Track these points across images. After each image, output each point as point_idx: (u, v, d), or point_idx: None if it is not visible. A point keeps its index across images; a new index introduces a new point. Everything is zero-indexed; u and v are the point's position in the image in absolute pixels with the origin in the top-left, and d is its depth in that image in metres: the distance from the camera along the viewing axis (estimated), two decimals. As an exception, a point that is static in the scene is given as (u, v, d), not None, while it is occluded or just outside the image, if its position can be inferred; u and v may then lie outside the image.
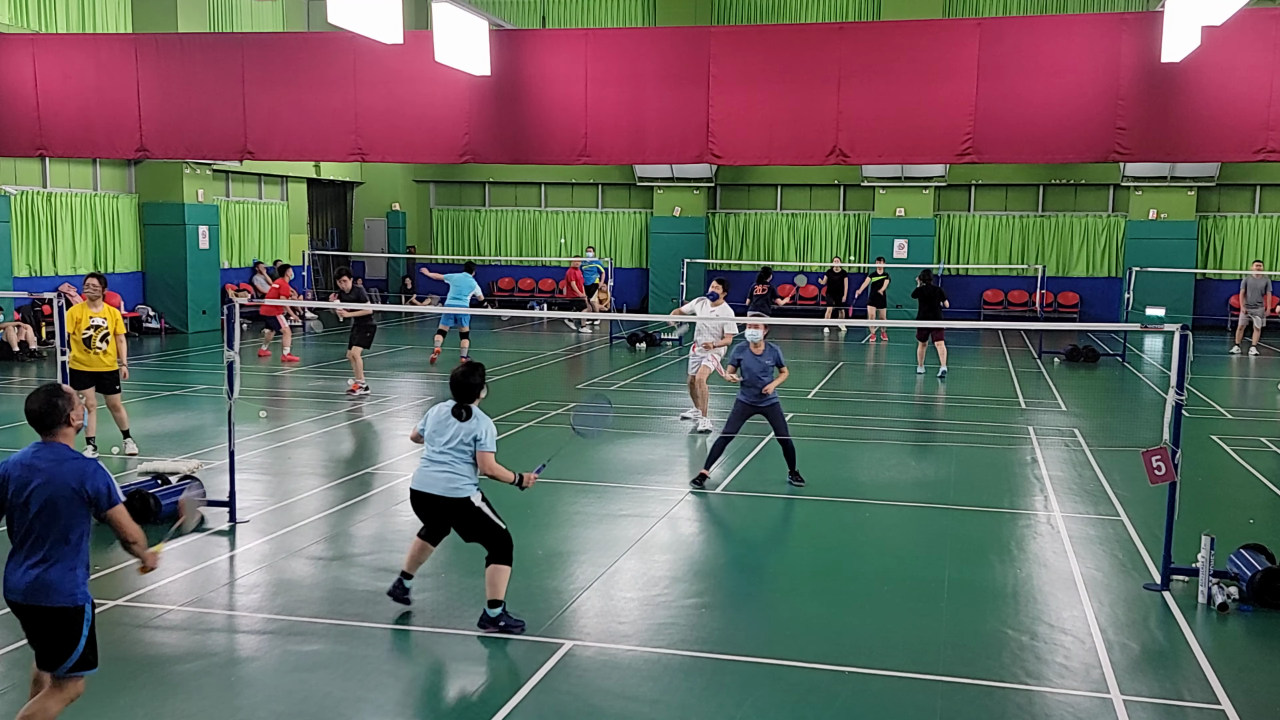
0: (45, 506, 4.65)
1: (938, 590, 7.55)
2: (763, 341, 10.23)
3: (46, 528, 4.67)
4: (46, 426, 4.82)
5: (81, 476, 4.68)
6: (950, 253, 28.93)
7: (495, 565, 6.59)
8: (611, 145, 13.52)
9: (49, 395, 4.86)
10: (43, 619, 4.72)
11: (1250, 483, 10.84)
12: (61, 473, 4.67)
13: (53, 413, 4.82)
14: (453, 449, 6.59)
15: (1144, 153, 12.78)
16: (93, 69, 14.46)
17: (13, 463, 4.76)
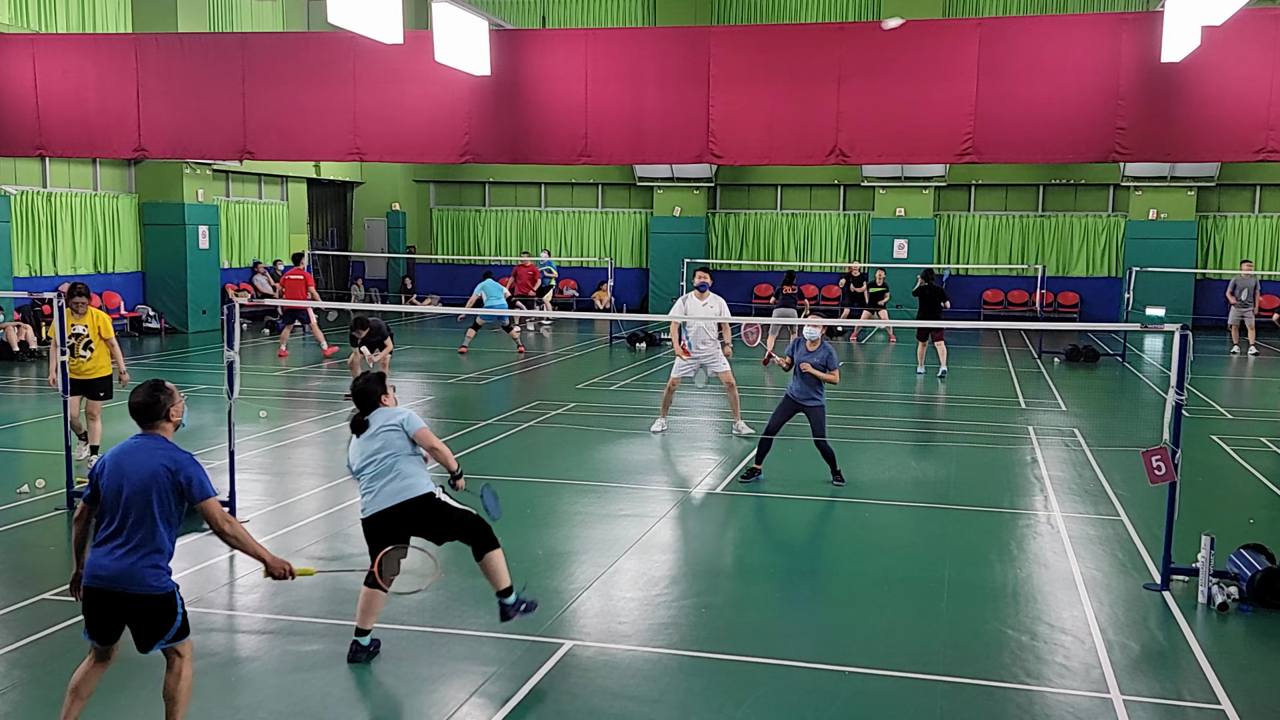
0: (138, 495, 4.79)
1: (938, 590, 7.55)
2: (820, 340, 10.28)
3: (139, 517, 4.79)
4: (147, 420, 4.98)
5: (175, 466, 4.83)
6: (950, 253, 28.93)
7: (487, 554, 6.23)
8: (611, 145, 13.52)
9: (151, 389, 5.02)
10: (134, 605, 4.84)
11: (1250, 483, 10.84)
12: (155, 462, 4.83)
13: (153, 406, 4.97)
14: (388, 455, 6.14)
15: (1144, 153, 12.77)
16: (92, 69, 14.46)
17: (110, 453, 4.94)
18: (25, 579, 7.55)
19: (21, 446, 12.02)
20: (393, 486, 6.08)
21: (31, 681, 5.91)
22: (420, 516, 6.13)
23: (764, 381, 17.53)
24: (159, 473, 4.80)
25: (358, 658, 6.15)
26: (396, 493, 6.08)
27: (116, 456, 4.90)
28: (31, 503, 9.44)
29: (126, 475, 4.81)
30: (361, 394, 6.32)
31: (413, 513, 6.11)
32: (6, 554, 8.20)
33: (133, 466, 4.82)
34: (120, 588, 4.79)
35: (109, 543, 4.82)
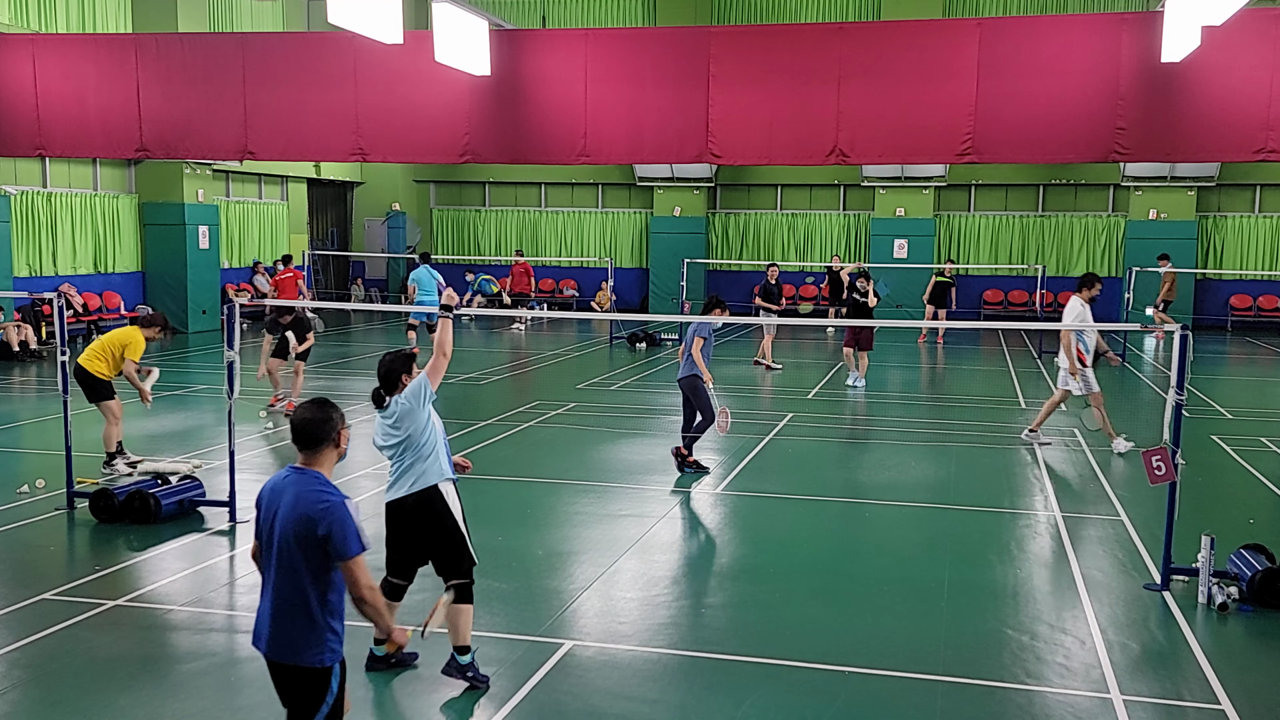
0: (283, 544, 4.06)
1: (938, 590, 7.55)
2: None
3: (285, 569, 4.07)
4: (314, 442, 4.15)
5: (321, 515, 4.00)
6: (950, 253, 28.92)
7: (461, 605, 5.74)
8: (611, 145, 13.52)
9: (322, 406, 4.21)
10: (284, 675, 4.18)
11: (1250, 483, 10.83)
12: (301, 507, 4.03)
13: (326, 425, 4.16)
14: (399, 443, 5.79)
15: (1144, 153, 12.77)
16: (93, 69, 14.45)
17: (268, 485, 4.22)
18: (25, 579, 7.55)
19: (21, 446, 12.02)
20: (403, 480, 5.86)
21: (31, 681, 5.91)
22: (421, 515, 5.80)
23: (759, 382, 17.54)
24: (304, 521, 4.01)
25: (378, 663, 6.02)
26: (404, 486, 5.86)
27: (271, 491, 4.18)
28: (31, 503, 9.44)
29: (275, 519, 4.09)
30: (386, 374, 5.84)
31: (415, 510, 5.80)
32: (6, 554, 8.19)
33: (281, 508, 4.08)
34: (274, 656, 4.15)
35: (264, 596, 4.18)
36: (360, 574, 4.02)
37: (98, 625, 6.71)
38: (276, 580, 4.09)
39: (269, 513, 4.12)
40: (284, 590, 4.07)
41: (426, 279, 19.41)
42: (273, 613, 4.09)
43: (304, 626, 4.06)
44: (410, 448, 5.78)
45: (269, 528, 4.11)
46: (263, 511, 4.16)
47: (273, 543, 4.08)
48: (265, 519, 4.14)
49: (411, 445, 5.78)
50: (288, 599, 4.06)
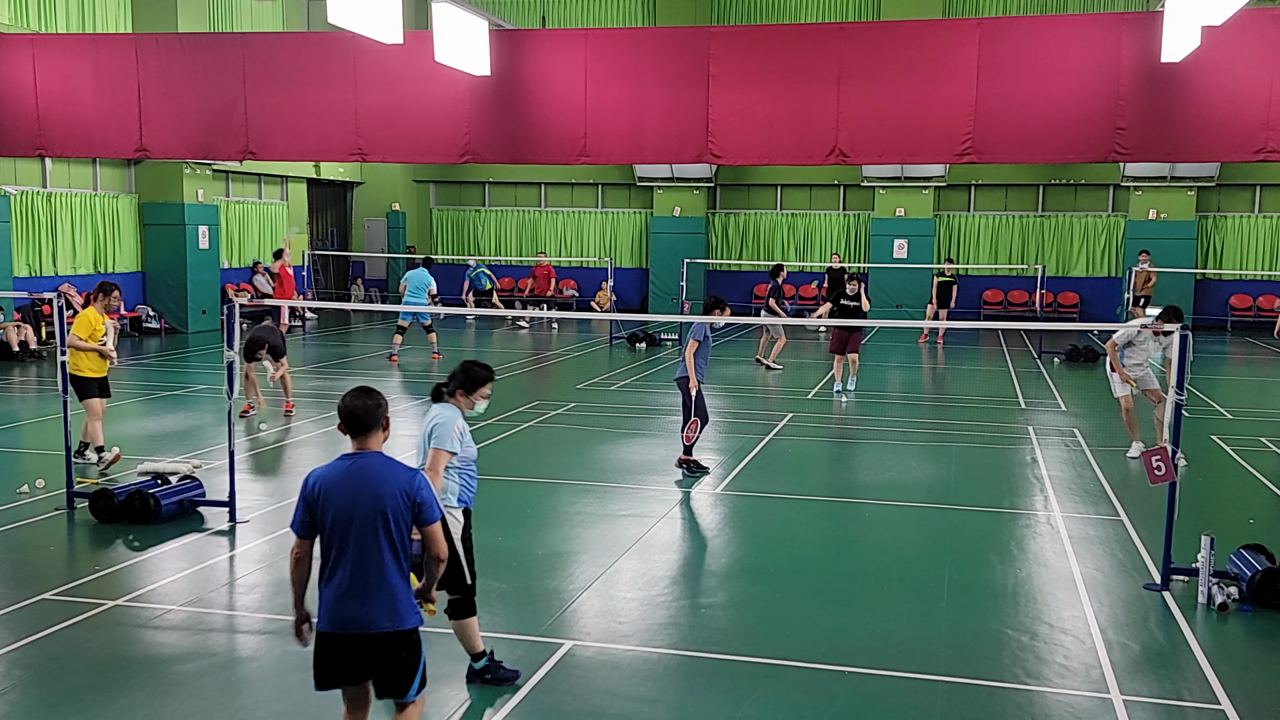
0: (370, 522, 4.31)
1: (938, 590, 7.55)
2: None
3: (372, 545, 4.32)
4: (365, 428, 4.41)
5: (414, 486, 4.39)
6: (950, 253, 28.90)
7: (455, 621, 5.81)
8: (611, 145, 13.52)
9: (368, 393, 4.46)
10: (382, 646, 4.38)
11: (1250, 483, 10.83)
12: (392, 483, 4.36)
13: (376, 411, 4.42)
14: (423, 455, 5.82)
15: (1144, 153, 12.77)
16: (93, 69, 14.46)
17: (325, 478, 4.39)
18: (25, 579, 7.55)
19: (21, 446, 12.02)
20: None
21: (31, 681, 5.91)
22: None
23: (759, 382, 17.53)
24: (394, 493, 4.35)
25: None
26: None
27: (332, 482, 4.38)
28: (31, 503, 9.44)
29: (355, 503, 4.33)
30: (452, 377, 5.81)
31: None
32: (6, 554, 8.19)
33: (360, 491, 4.34)
34: (373, 629, 4.37)
35: (345, 581, 4.36)
36: (441, 536, 4.49)
37: (98, 625, 6.71)
38: (361, 559, 4.32)
39: (340, 500, 4.32)
40: (374, 565, 4.32)
41: (419, 282, 19.59)
42: (371, 589, 4.32)
43: (400, 592, 4.38)
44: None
45: (345, 513, 4.32)
46: (328, 502, 4.34)
47: (351, 526, 4.32)
48: (335, 507, 4.33)
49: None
50: (381, 572, 4.32)
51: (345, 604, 4.34)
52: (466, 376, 5.81)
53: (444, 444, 5.62)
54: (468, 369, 5.83)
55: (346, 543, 4.33)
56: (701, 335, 10.71)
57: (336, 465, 4.42)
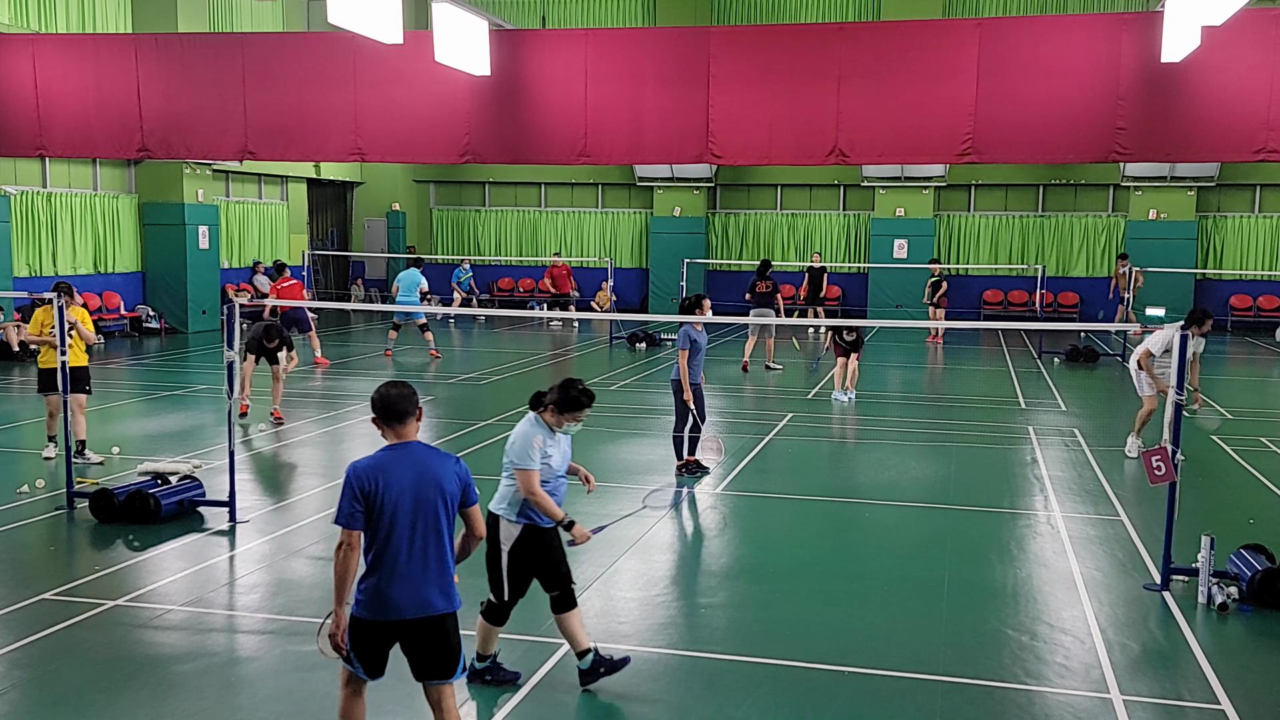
0: (428, 508, 4.48)
1: (938, 590, 7.55)
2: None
3: (431, 531, 4.49)
4: (403, 415, 4.54)
5: (462, 471, 4.61)
6: (950, 253, 28.93)
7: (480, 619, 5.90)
8: (611, 145, 13.51)
9: (400, 384, 4.61)
10: (434, 627, 4.54)
11: (1250, 483, 10.83)
12: (446, 469, 4.55)
13: (412, 399, 4.57)
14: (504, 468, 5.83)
15: (1144, 153, 12.77)
16: (93, 69, 14.46)
17: (379, 468, 4.48)
18: (25, 579, 7.55)
19: (22, 446, 12.02)
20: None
21: (31, 681, 5.91)
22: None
23: (759, 382, 17.53)
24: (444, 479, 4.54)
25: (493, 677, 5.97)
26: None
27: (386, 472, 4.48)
28: (31, 503, 9.44)
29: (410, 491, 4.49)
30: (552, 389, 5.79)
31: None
32: (6, 554, 8.19)
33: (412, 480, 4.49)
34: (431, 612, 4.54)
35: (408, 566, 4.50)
36: (480, 516, 4.74)
37: (98, 625, 6.71)
38: (420, 545, 4.46)
39: (402, 487, 4.42)
40: (433, 550, 4.48)
41: (410, 282, 20.02)
42: (432, 572, 4.49)
43: (451, 573, 4.59)
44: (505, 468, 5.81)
45: (407, 500, 4.43)
46: (388, 491, 4.41)
47: (414, 512, 4.45)
48: (397, 494, 4.42)
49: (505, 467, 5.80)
50: (438, 555, 4.50)
51: (400, 589, 4.43)
52: (564, 397, 5.71)
53: (524, 462, 5.58)
54: (567, 390, 5.72)
55: (410, 529, 4.44)
56: (687, 343, 10.50)
57: (388, 455, 4.51)
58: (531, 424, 5.71)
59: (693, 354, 10.56)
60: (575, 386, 5.74)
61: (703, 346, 10.69)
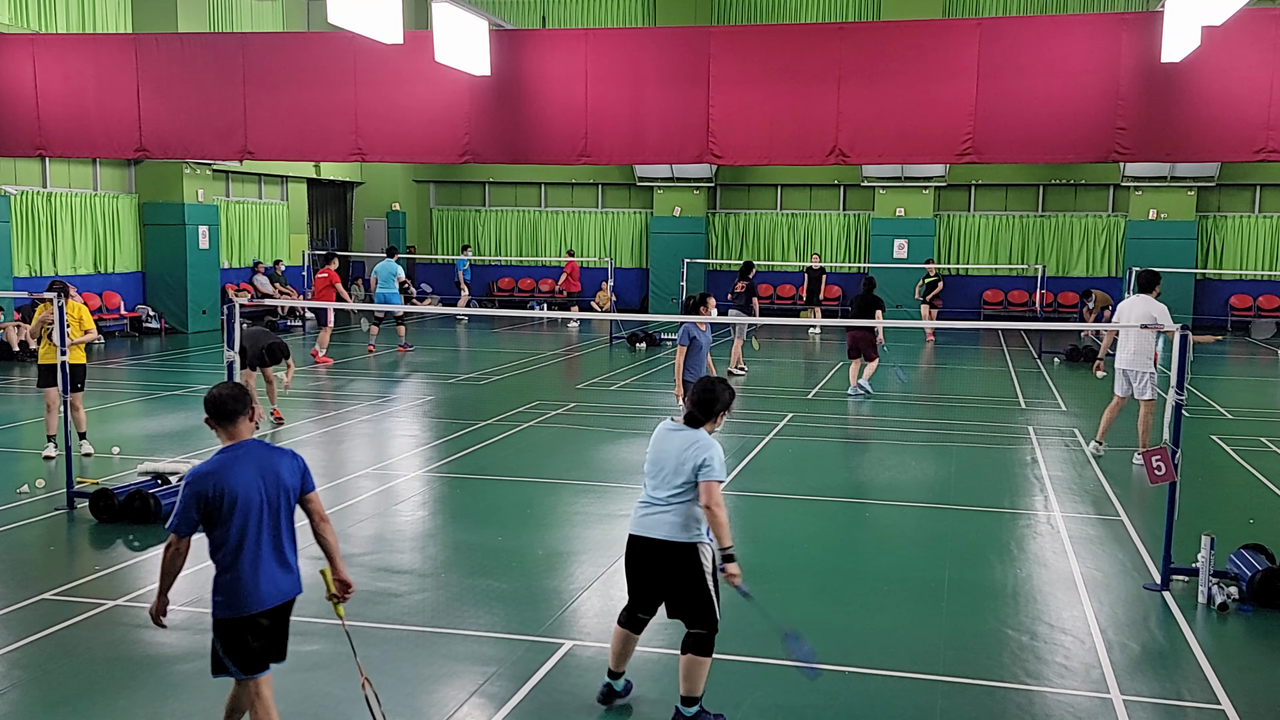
0: (275, 502, 4.65)
1: (938, 590, 7.55)
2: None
3: (283, 522, 4.68)
4: (233, 414, 4.71)
5: (295, 460, 4.80)
6: (950, 253, 28.94)
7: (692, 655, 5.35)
8: (611, 145, 13.51)
9: (235, 385, 4.88)
10: (287, 614, 4.80)
11: (1250, 483, 10.83)
12: (289, 463, 4.75)
13: (243, 398, 4.74)
14: (672, 486, 5.36)
15: (1144, 153, 12.77)
16: (93, 69, 14.46)
17: (215, 474, 4.62)
18: (25, 579, 7.55)
19: (22, 446, 12.02)
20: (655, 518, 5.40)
21: (31, 681, 5.91)
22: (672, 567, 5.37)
23: (753, 382, 17.52)
24: (284, 473, 4.72)
25: (605, 698, 5.67)
26: (656, 525, 5.39)
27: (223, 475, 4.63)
28: (31, 503, 9.44)
29: (251, 487, 4.63)
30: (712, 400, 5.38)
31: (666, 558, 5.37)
32: (6, 554, 8.19)
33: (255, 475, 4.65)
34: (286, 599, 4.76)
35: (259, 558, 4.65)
36: (319, 502, 4.85)
37: (97, 625, 6.71)
38: (270, 537, 4.62)
39: (244, 488, 4.56)
40: (285, 540, 4.67)
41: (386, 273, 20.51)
42: (287, 562, 4.67)
43: (295, 561, 4.73)
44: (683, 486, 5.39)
45: (252, 498, 4.57)
46: (231, 493, 4.55)
47: (261, 508, 4.60)
48: (240, 495, 4.55)
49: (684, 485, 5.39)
50: (290, 545, 4.69)
51: (261, 582, 4.61)
52: (731, 395, 5.47)
53: (722, 476, 5.34)
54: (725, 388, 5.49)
55: (259, 525, 4.59)
56: (687, 340, 10.48)
57: (226, 457, 4.66)
58: (712, 437, 5.42)
59: (693, 351, 10.53)
60: (725, 384, 5.53)
61: (704, 345, 10.64)
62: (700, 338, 10.61)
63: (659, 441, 5.47)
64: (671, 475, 5.33)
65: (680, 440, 5.36)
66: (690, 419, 5.40)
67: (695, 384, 5.46)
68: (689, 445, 5.32)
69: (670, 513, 5.34)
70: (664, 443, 5.44)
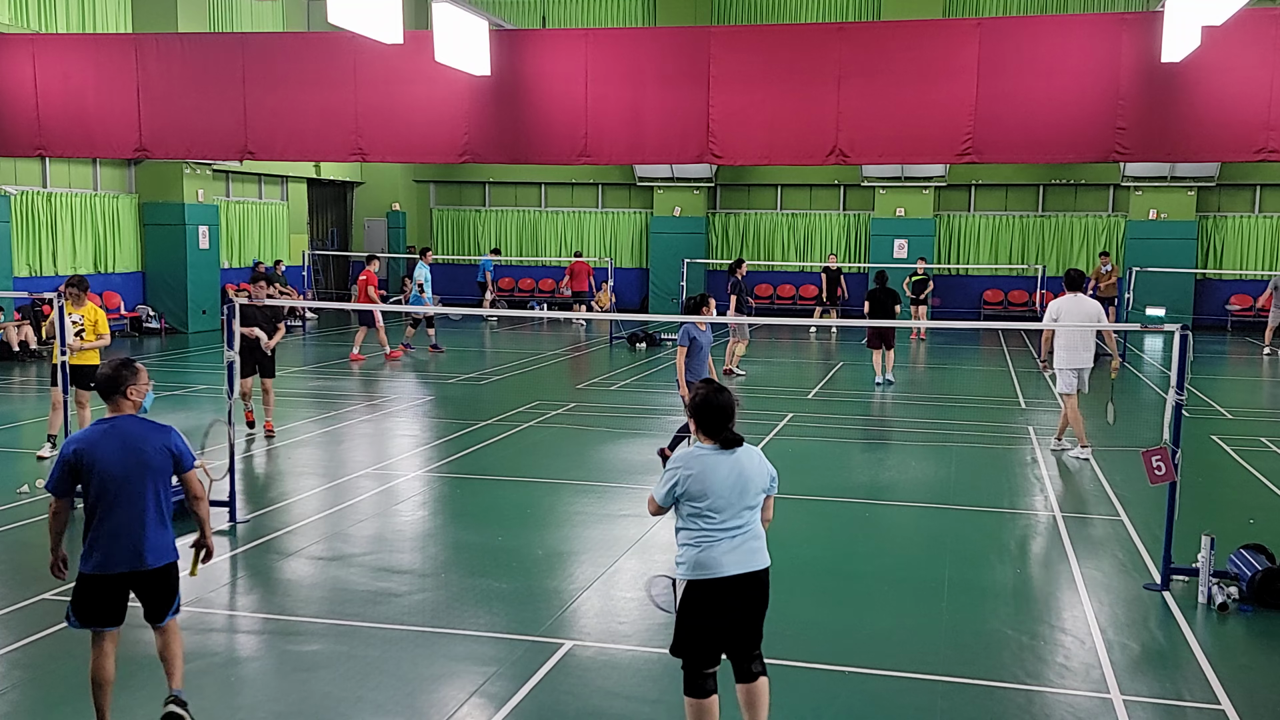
0: (139, 471, 5.03)
1: (938, 590, 7.55)
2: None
3: (145, 491, 5.05)
4: (110, 392, 5.14)
5: (167, 440, 5.13)
6: (950, 253, 28.94)
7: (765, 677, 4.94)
8: (611, 145, 13.51)
9: (115, 366, 5.19)
10: (151, 579, 5.16)
11: (1250, 483, 10.83)
12: (154, 440, 5.09)
13: (116, 377, 5.13)
14: (752, 508, 4.92)
15: (1144, 153, 12.77)
16: (93, 69, 14.46)
17: (83, 441, 5.03)
18: (25, 579, 7.55)
19: (22, 446, 12.02)
20: (752, 544, 4.87)
21: (31, 681, 5.91)
22: (762, 597, 4.90)
23: (753, 382, 17.52)
24: (152, 447, 5.08)
25: None
26: (757, 558, 4.87)
27: (91, 442, 5.03)
28: (31, 503, 9.44)
29: (117, 458, 5.01)
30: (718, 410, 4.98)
31: (761, 590, 4.88)
32: (6, 554, 8.20)
33: (120, 447, 5.03)
34: (143, 566, 5.10)
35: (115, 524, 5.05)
36: (197, 480, 5.25)
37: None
38: (126, 508, 5.01)
39: (106, 460, 4.97)
40: (142, 512, 5.04)
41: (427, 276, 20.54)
42: (141, 533, 5.04)
43: (165, 534, 5.16)
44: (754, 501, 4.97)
45: (113, 470, 4.98)
46: (93, 463, 4.97)
47: (120, 481, 4.99)
48: (101, 466, 4.97)
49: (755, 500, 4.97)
50: (154, 517, 5.09)
51: (117, 548, 5.02)
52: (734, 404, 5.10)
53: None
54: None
55: (118, 496, 4.99)
56: (687, 340, 10.48)
57: (97, 430, 5.07)
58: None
59: (693, 352, 10.53)
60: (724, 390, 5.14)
61: (704, 345, 10.63)
62: (700, 337, 10.60)
63: (714, 470, 4.82)
64: (750, 497, 4.89)
65: (745, 459, 4.96)
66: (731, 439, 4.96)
67: (705, 402, 4.95)
68: (758, 459, 5.02)
69: (760, 536, 4.92)
70: (722, 468, 4.85)
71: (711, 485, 4.79)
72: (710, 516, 4.77)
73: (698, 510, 4.78)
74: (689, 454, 4.90)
